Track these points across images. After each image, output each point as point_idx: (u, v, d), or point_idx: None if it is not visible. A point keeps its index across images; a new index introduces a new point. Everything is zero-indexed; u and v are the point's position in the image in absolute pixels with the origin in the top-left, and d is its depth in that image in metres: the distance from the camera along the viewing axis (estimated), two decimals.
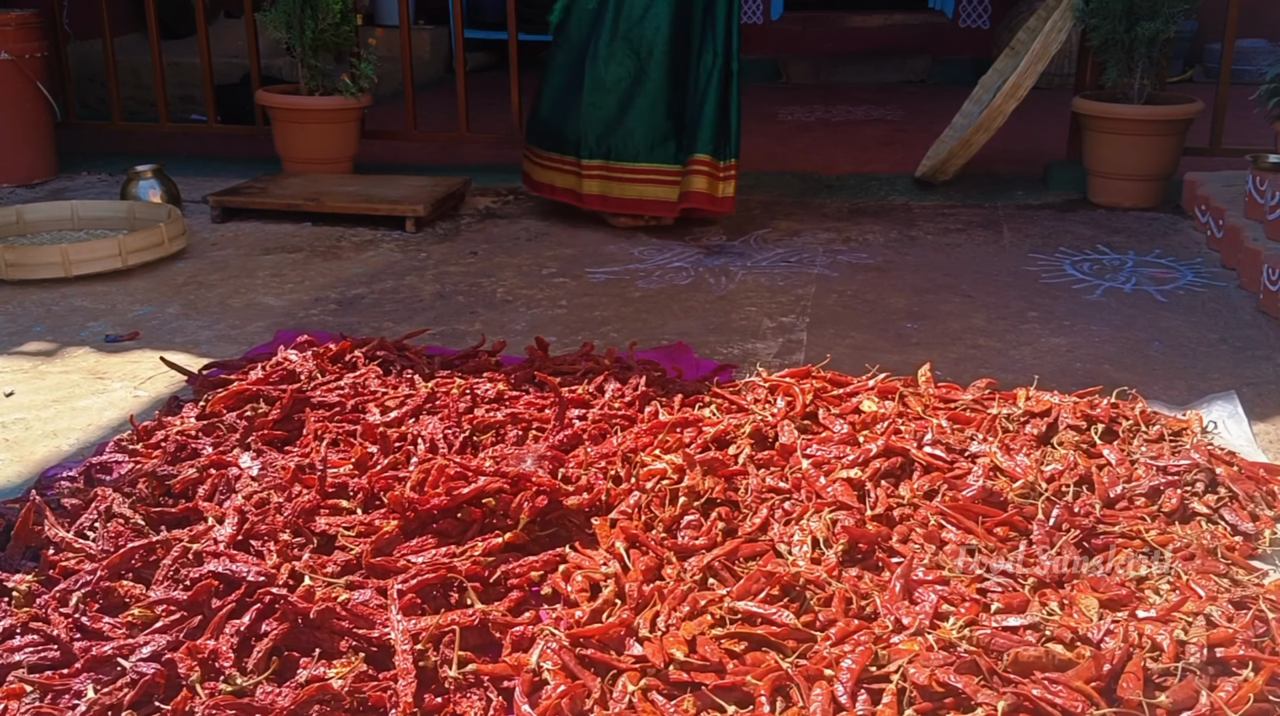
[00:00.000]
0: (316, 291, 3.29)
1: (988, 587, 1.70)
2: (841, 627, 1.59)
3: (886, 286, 3.28)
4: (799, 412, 2.22)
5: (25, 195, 4.42)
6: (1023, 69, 4.09)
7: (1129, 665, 1.50)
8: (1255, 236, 3.19)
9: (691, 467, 1.98)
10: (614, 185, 3.76)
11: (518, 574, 1.77)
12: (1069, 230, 3.83)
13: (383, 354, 2.56)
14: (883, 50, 7.19)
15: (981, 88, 4.62)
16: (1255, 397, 2.46)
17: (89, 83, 5.79)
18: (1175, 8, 3.89)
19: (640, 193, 3.75)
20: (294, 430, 2.21)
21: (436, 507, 1.85)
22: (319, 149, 4.56)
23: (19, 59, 4.47)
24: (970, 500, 1.91)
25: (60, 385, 2.61)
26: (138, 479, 1.98)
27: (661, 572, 1.75)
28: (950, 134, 4.54)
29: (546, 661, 1.54)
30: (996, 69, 4.57)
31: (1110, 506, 1.93)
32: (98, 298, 3.22)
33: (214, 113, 5.06)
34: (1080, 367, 2.66)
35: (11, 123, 4.50)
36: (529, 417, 2.23)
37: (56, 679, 1.51)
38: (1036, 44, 4.11)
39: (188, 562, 1.72)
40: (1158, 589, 1.70)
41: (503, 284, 3.33)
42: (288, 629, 1.58)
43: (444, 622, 1.59)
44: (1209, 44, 6.49)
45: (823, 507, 1.89)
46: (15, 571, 1.76)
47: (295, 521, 1.83)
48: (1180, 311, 3.03)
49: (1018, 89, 4.10)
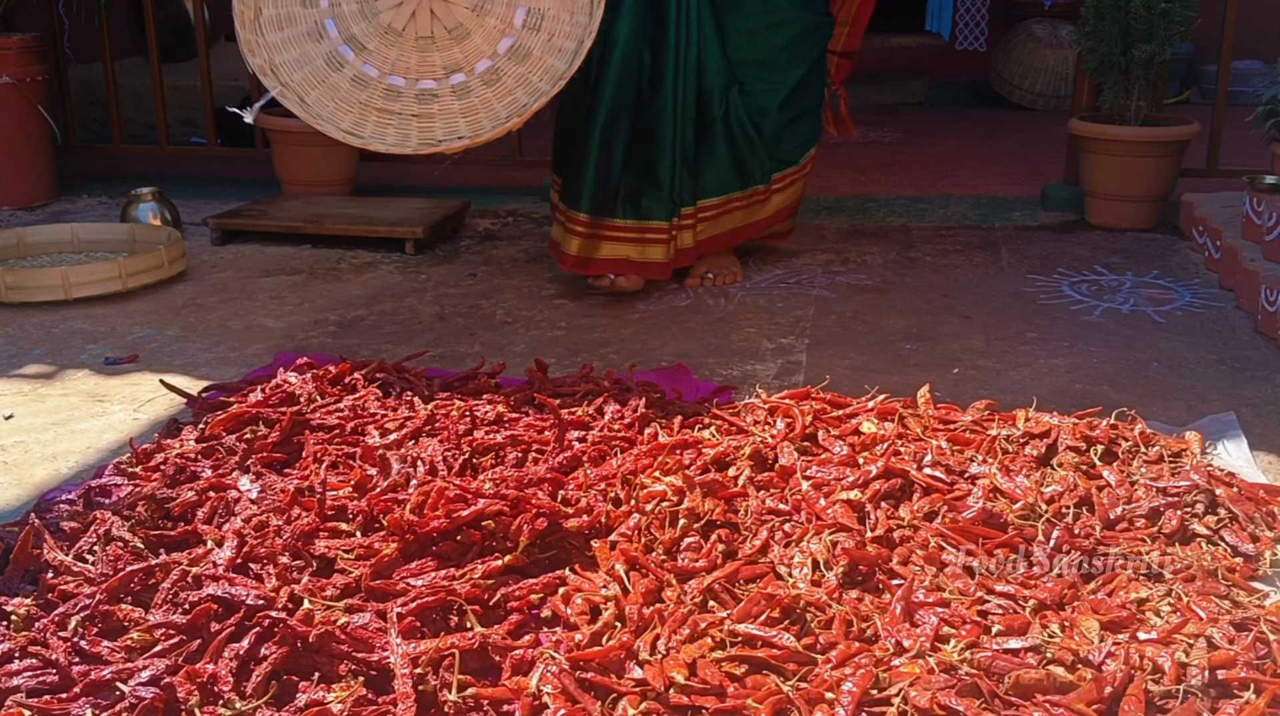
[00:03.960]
0: (316, 313, 3.29)
1: (988, 610, 1.69)
2: (842, 650, 1.59)
3: (885, 307, 3.28)
4: (799, 434, 2.22)
5: (26, 218, 4.43)
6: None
7: (1130, 687, 1.50)
8: (1253, 257, 3.19)
9: (691, 489, 1.98)
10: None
11: (517, 596, 1.76)
12: (1067, 251, 3.84)
13: (382, 376, 2.56)
14: (879, 72, 7.22)
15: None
16: (1254, 418, 2.47)
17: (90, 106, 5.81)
18: (1171, 30, 3.92)
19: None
20: (293, 452, 2.21)
21: (436, 530, 1.85)
22: (319, 171, 4.57)
23: (20, 82, 4.49)
24: (970, 522, 1.91)
25: (59, 408, 2.61)
26: (137, 502, 1.98)
27: (662, 595, 1.74)
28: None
29: (547, 685, 1.53)
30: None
31: (1110, 528, 1.93)
32: (98, 320, 3.22)
33: (214, 135, 5.08)
34: (1079, 388, 2.66)
35: (12, 146, 4.52)
36: (529, 439, 2.23)
37: (55, 703, 1.51)
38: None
39: (187, 586, 1.72)
40: (1158, 611, 1.69)
41: (502, 306, 3.34)
42: (287, 652, 1.57)
43: (444, 646, 1.59)
44: (1205, 66, 6.52)
45: (823, 529, 1.89)
46: (14, 595, 1.75)
47: (294, 544, 1.83)
48: (1179, 332, 3.04)
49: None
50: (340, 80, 2.89)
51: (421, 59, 2.86)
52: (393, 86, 2.88)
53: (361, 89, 2.89)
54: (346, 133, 2.89)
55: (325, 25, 2.86)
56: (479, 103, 2.89)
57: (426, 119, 2.90)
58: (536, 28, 2.84)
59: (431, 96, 2.88)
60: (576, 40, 2.82)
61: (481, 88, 2.86)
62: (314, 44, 2.89)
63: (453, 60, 2.87)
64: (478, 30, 2.84)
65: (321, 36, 2.88)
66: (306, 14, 2.88)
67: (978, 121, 6.60)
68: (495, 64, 2.84)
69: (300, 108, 2.90)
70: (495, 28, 2.84)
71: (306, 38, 2.90)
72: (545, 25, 2.84)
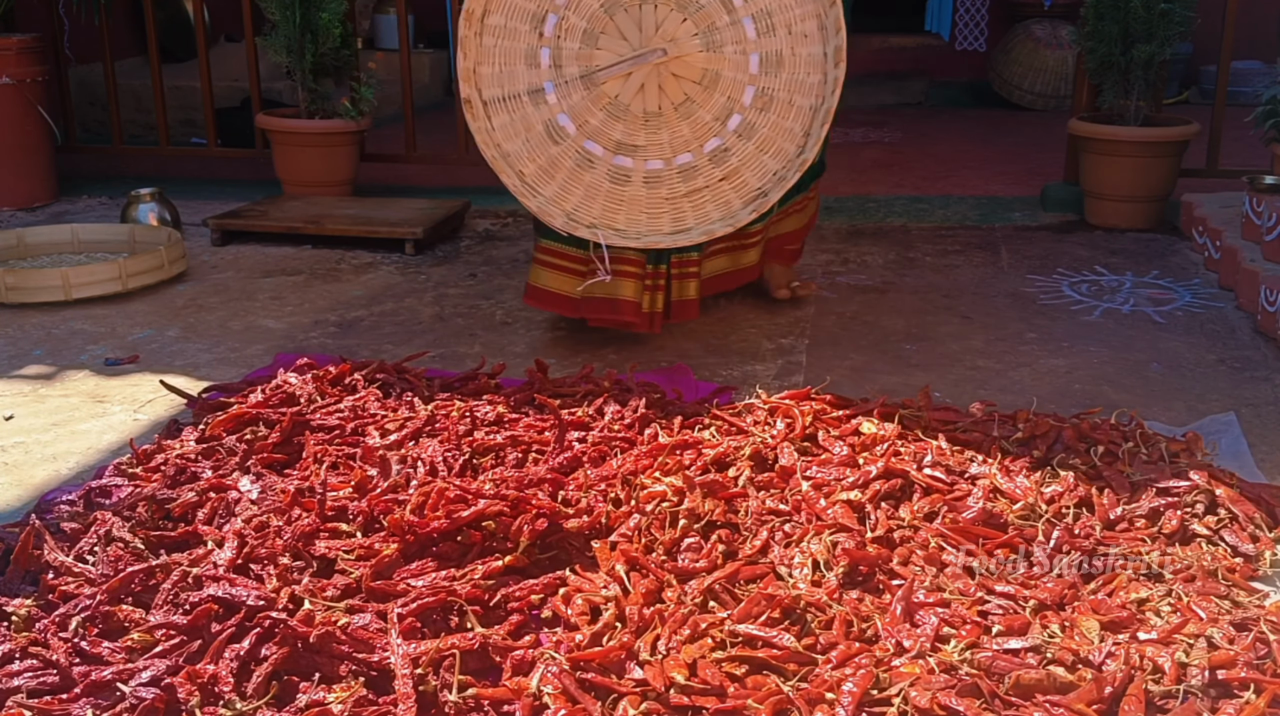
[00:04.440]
0: (316, 314, 3.29)
1: (988, 610, 1.70)
2: (843, 650, 1.59)
3: (885, 308, 3.28)
4: (799, 434, 2.22)
5: (26, 218, 4.43)
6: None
7: (1130, 687, 1.50)
8: (1253, 257, 3.20)
9: (691, 490, 1.98)
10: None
11: (518, 597, 1.76)
12: (1067, 251, 3.84)
13: (382, 377, 2.56)
14: (879, 72, 7.22)
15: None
16: (1254, 418, 2.47)
17: (90, 106, 5.82)
18: (1171, 30, 3.92)
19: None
20: (294, 453, 2.21)
21: (436, 531, 1.85)
22: (319, 172, 4.57)
23: (20, 83, 4.48)
24: (970, 522, 1.91)
25: (60, 408, 2.61)
26: (137, 502, 1.98)
27: (662, 595, 1.75)
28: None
29: (547, 685, 1.53)
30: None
31: (1110, 528, 1.93)
32: (98, 321, 3.22)
33: (214, 136, 5.08)
34: (1079, 389, 2.66)
35: (12, 146, 4.52)
36: (529, 440, 2.23)
37: (56, 704, 1.51)
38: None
39: (187, 587, 1.72)
40: (1159, 611, 1.69)
41: (502, 306, 3.34)
42: (287, 653, 1.57)
43: (444, 646, 1.59)
44: (1205, 66, 6.52)
45: (823, 530, 1.89)
46: (14, 596, 1.75)
47: (295, 545, 1.83)
48: (1178, 332, 3.04)
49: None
50: (564, 155, 2.72)
51: (650, 137, 2.70)
52: (620, 167, 2.71)
53: (588, 169, 2.72)
54: (570, 219, 2.74)
55: (559, 120, 2.69)
56: (707, 188, 2.71)
57: (654, 204, 2.72)
58: (765, 108, 2.68)
59: (658, 177, 2.71)
60: (804, 126, 2.68)
61: (710, 167, 2.69)
62: (554, 146, 2.71)
63: (679, 138, 2.70)
64: (705, 106, 2.68)
65: (559, 138, 2.71)
66: (538, 113, 2.70)
67: (977, 121, 6.60)
68: (724, 141, 2.68)
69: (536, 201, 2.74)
70: (722, 104, 2.68)
71: (546, 138, 2.71)
72: (774, 107, 2.68)
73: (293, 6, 4.39)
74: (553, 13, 2.64)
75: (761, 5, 2.60)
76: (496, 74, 2.67)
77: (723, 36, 2.62)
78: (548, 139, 2.69)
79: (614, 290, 2.85)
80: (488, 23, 2.64)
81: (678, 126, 2.67)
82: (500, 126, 2.68)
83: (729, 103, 2.64)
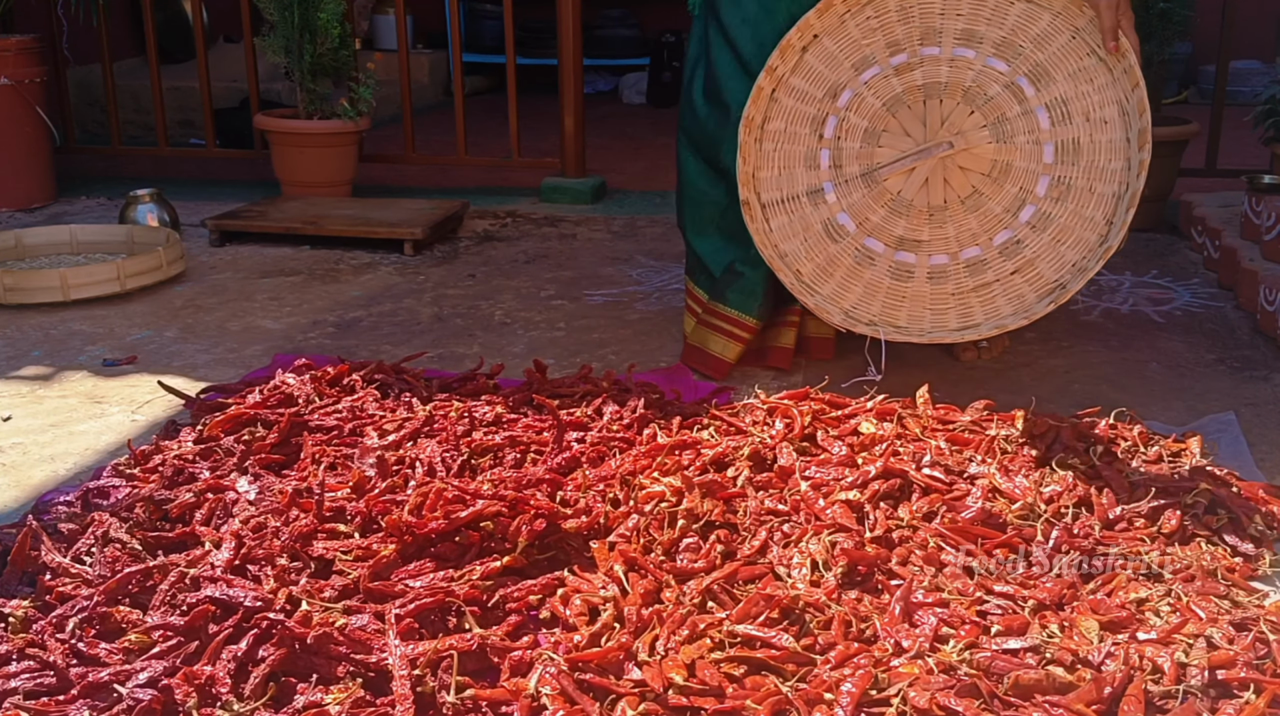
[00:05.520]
0: (314, 314, 3.29)
1: (988, 610, 1.69)
2: (841, 651, 1.59)
3: None
4: (797, 434, 2.22)
5: (24, 219, 4.43)
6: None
7: (1130, 688, 1.50)
8: (1252, 257, 3.19)
9: (690, 490, 1.98)
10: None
11: (516, 597, 1.76)
12: None
13: (381, 377, 2.56)
14: None
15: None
16: (1254, 418, 2.46)
17: (88, 107, 5.83)
18: (1169, 30, 3.91)
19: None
20: (291, 454, 2.21)
21: (434, 531, 1.84)
22: (318, 172, 4.57)
23: (18, 84, 4.48)
24: (969, 522, 1.90)
25: (58, 409, 2.61)
26: (135, 503, 1.98)
27: (660, 596, 1.74)
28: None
29: (545, 686, 1.53)
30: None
31: (1109, 528, 1.93)
32: (96, 321, 3.22)
33: (213, 137, 5.08)
34: (1078, 388, 2.66)
35: (11, 147, 4.51)
36: (527, 440, 2.23)
37: (52, 705, 1.51)
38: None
39: (185, 587, 1.72)
40: (1158, 611, 1.69)
41: (501, 306, 3.34)
42: (285, 654, 1.57)
43: (442, 647, 1.59)
44: (1204, 66, 6.52)
45: (822, 530, 1.89)
46: (11, 596, 1.75)
47: (293, 546, 1.83)
48: (1178, 332, 3.04)
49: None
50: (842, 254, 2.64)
51: (935, 232, 2.62)
52: (902, 263, 2.63)
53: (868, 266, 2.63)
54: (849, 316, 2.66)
55: (839, 220, 2.61)
56: (997, 282, 2.61)
57: (940, 301, 2.64)
58: (1061, 198, 2.56)
59: (943, 273, 2.63)
60: (1106, 214, 2.53)
61: (1000, 260, 2.59)
62: (832, 244, 2.63)
63: (966, 231, 2.61)
64: (995, 198, 2.59)
65: (840, 237, 2.64)
66: (816, 214, 2.64)
67: None
68: (1016, 234, 2.58)
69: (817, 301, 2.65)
70: (1015, 195, 2.58)
71: (824, 237, 2.63)
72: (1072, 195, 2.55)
73: (291, 7, 4.39)
74: (833, 115, 2.61)
75: (1056, 94, 2.52)
76: (775, 178, 2.65)
77: (1014, 127, 2.55)
78: (826, 238, 2.65)
79: (775, 341, 2.82)
80: (768, 129, 2.61)
81: (964, 220, 2.60)
82: (778, 228, 2.65)
83: (1021, 194, 2.56)
